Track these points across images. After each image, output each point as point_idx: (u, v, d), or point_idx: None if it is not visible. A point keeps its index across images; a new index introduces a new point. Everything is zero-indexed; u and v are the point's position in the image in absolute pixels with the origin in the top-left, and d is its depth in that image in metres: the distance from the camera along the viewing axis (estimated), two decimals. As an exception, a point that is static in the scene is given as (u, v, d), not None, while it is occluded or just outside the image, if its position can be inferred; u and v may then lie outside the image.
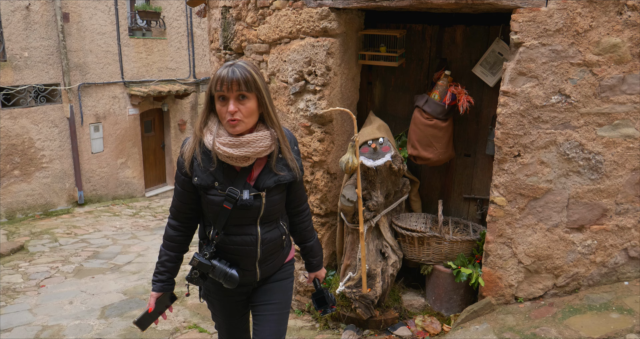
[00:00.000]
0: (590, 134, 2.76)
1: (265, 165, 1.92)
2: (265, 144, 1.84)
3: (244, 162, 1.85)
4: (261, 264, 2.03)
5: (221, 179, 1.88)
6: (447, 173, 3.49)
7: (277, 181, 1.92)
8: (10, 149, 8.54)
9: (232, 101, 1.77)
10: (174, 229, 2.03)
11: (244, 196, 1.86)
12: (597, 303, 2.88)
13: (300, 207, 2.18)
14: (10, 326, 4.48)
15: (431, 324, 3.22)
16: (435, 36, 3.33)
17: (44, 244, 7.35)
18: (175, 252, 2.05)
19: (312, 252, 2.27)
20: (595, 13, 2.60)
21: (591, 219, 2.90)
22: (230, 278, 1.93)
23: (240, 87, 1.76)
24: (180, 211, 2.01)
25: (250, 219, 1.93)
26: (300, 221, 2.20)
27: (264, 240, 1.97)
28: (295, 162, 1.97)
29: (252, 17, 3.72)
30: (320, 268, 2.33)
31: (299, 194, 2.14)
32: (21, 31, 8.51)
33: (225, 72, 1.77)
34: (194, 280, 1.98)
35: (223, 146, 1.81)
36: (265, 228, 1.98)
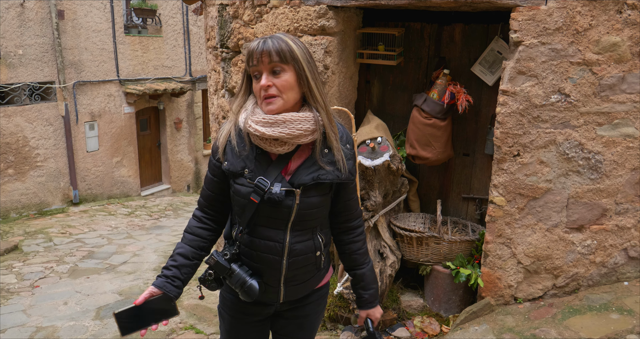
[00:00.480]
0: (590, 133, 2.74)
1: (307, 158, 1.63)
2: (305, 127, 1.55)
3: (279, 148, 1.57)
4: (287, 282, 1.70)
5: (252, 167, 1.61)
6: (445, 173, 3.47)
7: (315, 179, 1.60)
8: (5, 147, 8.46)
9: (265, 75, 1.53)
10: (197, 220, 1.77)
11: (274, 190, 1.57)
12: (597, 303, 2.86)
13: (352, 222, 1.81)
14: (4, 327, 4.43)
15: (430, 325, 3.20)
16: (433, 35, 3.30)
17: (38, 243, 7.30)
18: (192, 248, 1.73)
19: (364, 283, 1.83)
20: (595, 12, 2.57)
21: (591, 219, 2.88)
22: (248, 289, 1.63)
23: (272, 59, 1.51)
24: (207, 202, 1.76)
25: (280, 222, 1.63)
26: (350, 241, 1.81)
27: (292, 251, 1.65)
28: (344, 161, 1.65)
29: (249, 15, 3.68)
30: (374, 305, 1.86)
31: (350, 205, 1.77)
32: (15, 28, 8.43)
33: (255, 44, 1.55)
34: (207, 282, 1.68)
35: (255, 124, 1.55)
36: (297, 237, 1.65)
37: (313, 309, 1.85)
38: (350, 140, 1.72)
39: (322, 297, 1.87)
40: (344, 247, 1.83)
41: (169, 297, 1.64)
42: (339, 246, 1.85)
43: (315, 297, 1.84)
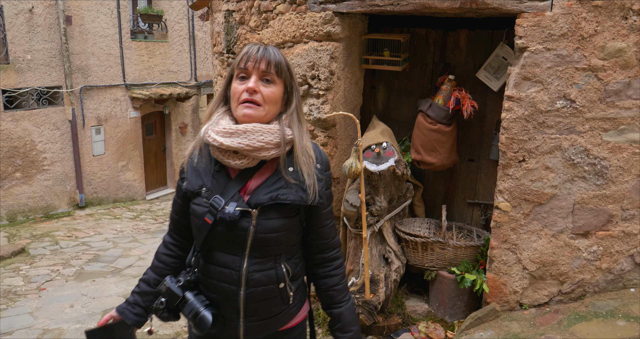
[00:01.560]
0: (596, 139, 2.74)
1: (270, 176, 1.49)
2: (267, 139, 1.43)
3: (237, 161, 1.45)
4: (247, 317, 1.51)
5: (209, 185, 1.48)
6: (451, 178, 3.47)
7: (274, 198, 1.44)
8: (12, 151, 8.53)
9: (254, 78, 1.44)
10: (164, 246, 1.68)
11: (228, 209, 1.43)
12: (603, 310, 2.85)
13: (327, 253, 1.62)
14: (11, 329, 4.46)
15: (435, 330, 3.19)
16: (439, 40, 3.31)
17: (44, 246, 7.34)
18: (155, 275, 1.64)
19: (341, 324, 1.61)
20: (600, 18, 2.58)
21: (597, 225, 2.88)
22: (199, 321, 1.45)
23: (269, 68, 1.45)
24: (173, 226, 1.67)
25: (236, 246, 1.47)
26: (325, 275, 1.62)
27: (250, 280, 1.47)
28: (315, 183, 1.49)
29: (255, 21, 3.71)
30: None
31: (324, 233, 1.59)
32: (24, 34, 8.52)
33: (255, 48, 1.47)
34: (158, 312, 1.50)
35: (215, 134, 1.44)
36: (256, 264, 1.48)
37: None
38: (324, 161, 1.57)
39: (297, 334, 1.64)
40: (319, 282, 1.63)
41: (126, 324, 1.59)
42: (313, 280, 1.66)
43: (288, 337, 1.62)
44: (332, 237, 1.63)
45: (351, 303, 1.65)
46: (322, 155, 1.58)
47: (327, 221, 1.60)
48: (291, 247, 1.55)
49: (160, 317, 1.51)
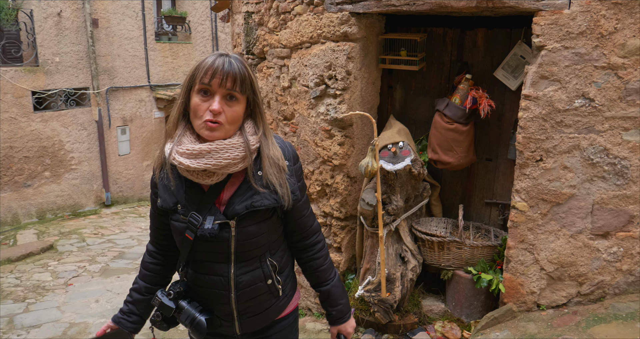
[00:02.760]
0: (616, 138, 2.70)
1: (241, 184, 1.51)
2: (233, 155, 1.43)
3: (207, 179, 1.46)
4: (241, 315, 1.60)
5: (183, 201, 1.50)
6: (468, 177, 3.46)
7: (249, 207, 1.48)
8: (42, 151, 8.80)
9: (218, 98, 1.41)
10: (149, 256, 1.73)
11: (206, 225, 1.47)
12: (623, 312, 2.80)
13: (308, 240, 1.70)
14: (39, 323, 4.62)
15: (451, 330, 3.19)
16: (456, 39, 3.30)
17: (72, 243, 7.56)
18: (145, 283, 1.69)
19: (330, 300, 1.73)
20: (620, 15, 2.54)
21: (617, 226, 2.83)
22: (197, 326, 1.53)
23: (235, 86, 1.41)
24: (155, 236, 1.70)
25: (221, 255, 1.53)
26: (309, 258, 1.71)
27: (239, 283, 1.54)
28: (285, 182, 1.53)
29: (274, 22, 3.76)
30: (344, 320, 1.76)
31: (302, 223, 1.66)
32: (53, 37, 8.78)
33: (220, 61, 1.41)
34: (157, 324, 1.59)
35: (180, 157, 1.43)
36: (242, 268, 1.54)
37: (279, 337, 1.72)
38: (292, 155, 1.60)
39: (289, 327, 1.75)
40: (305, 265, 1.73)
41: (124, 332, 1.67)
42: (300, 264, 1.76)
43: (278, 328, 1.71)
44: (311, 225, 1.70)
45: (337, 279, 1.75)
46: (289, 148, 1.60)
47: (304, 211, 1.66)
48: (273, 243, 1.62)
49: (160, 328, 1.60)
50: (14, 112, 8.30)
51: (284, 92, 3.78)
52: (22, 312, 4.87)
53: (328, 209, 3.60)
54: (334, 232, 3.61)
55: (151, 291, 1.69)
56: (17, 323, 4.60)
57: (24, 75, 8.39)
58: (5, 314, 4.80)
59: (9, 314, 4.80)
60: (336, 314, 1.75)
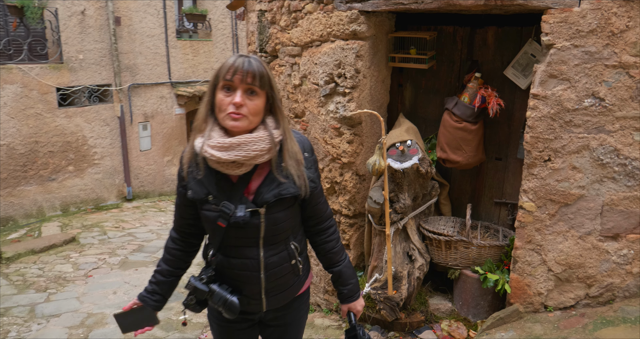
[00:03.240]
0: (627, 138, 2.65)
1: (267, 175, 1.66)
2: (260, 148, 1.58)
3: (237, 170, 1.59)
4: (268, 293, 1.77)
5: (215, 192, 1.64)
6: (478, 177, 3.43)
7: (277, 195, 1.64)
8: (66, 146, 9.03)
9: (240, 92, 1.56)
10: (172, 242, 1.85)
11: (238, 213, 1.61)
12: (633, 315, 2.76)
13: (322, 224, 1.86)
14: (59, 312, 4.77)
15: (457, 329, 3.18)
16: (466, 38, 3.28)
17: (93, 236, 7.75)
18: (169, 267, 1.83)
19: (341, 279, 1.90)
20: (632, 12, 2.49)
21: (627, 228, 2.78)
22: (230, 306, 1.68)
23: (254, 81, 1.56)
24: (179, 225, 1.83)
25: (251, 240, 1.68)
26: (323, 241, 1.88)
27: (268, 265, 1.71)
28: (303, 173, 1.68)
29: (285, 21, 3.79)
30: (354, 298, 1.93)
31: (318, 209, 1.82)
32: (77, 35, 8.98)
33: (240, 61, 1.57)
34: (190, 306, 1.74)
35: (211, 149, 1.57)
36: (270, 251, 1.71)
37: (296, 316, 1.92)
38: (310, 148, 1.75)
39: (304, 303, 1.94)
40: (318, 248, 1.89)
41: (148, 309, 1.84)
42: (314, 247, 1.91)
43: (297, 304, 1.90)
44: (325, 211, 1.86)
45: (347, 260, 1.92)
46: (306, 141, 1.77)
47: (320, 198, 1.82)
48: (295, 228, 1.79)
49: (194, 310, 1.75)
50: (39, 108, 8.54)
51: (295, 90, 3.81)
52: (43, 301, 5.03)
53: (337, 206, 3.62)
54: (342, 229, 3.63)
55: (173, 273, 1.84)
56: (38, 312, 4.76)
57: (49, 72, 8.62)
58: (27, 303, 4.97)
59: (31, 303, 4.97)
60: (347, 293, 1.90)
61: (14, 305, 4.92)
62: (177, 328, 4.24)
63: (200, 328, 4.22)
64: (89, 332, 4.28)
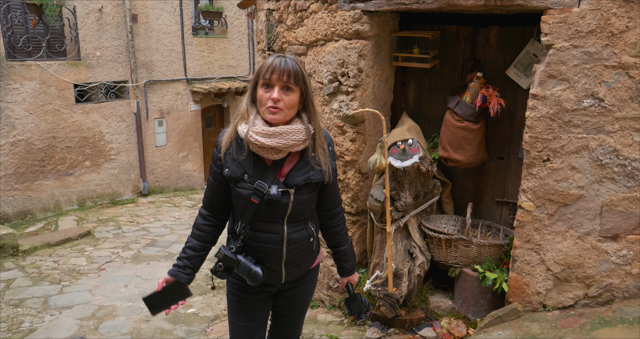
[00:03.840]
0: (627, 139, 2.64)
1: (297, 162, 1.91)
2: (298, 138, 1.83)
3: (275, 155, 1.84)
4: (287, 266, 1.99)
5: (251, 172, 1.87)
6: (480, 176, 3.45)
7: (306, 179, 1.89)
8: (83, 141, 9.23)
9: (277, 89, 1.78)
10: (203, 218, 2.04)
11: (272, 191, 1.84)
12: (631, 316, 2.76)
13: (334, 210, 2.14)
14: (71, 304, 4.91)
15: (457, 327, 3.21)
16: (469, 37, 3.29)
17: (108, 230, 7.93)
18: (200, 242, 2.03)
19: (345, 257, 2.23)
20: (632, 13, 2.48)
21: (627, 229, 2.77)
22: (254, 275, 1.90)
23: (289, 79, 1.78)
24: (211, 202, 2.02)
25: (278, 217, 1.91)
26: (333, 225, 2.16)
27: (290, 240, 1.94)
28: (329, 163, 1.95)
29: (291, 20, 3.84)
30: (353, 272, 2.27)
31: (333, 197, 2.09)
32: (94, 32, 9.16)
33: (277, 61, 1.80)
34: (218, 273, 1.96)
35: (256, 135, 1.81)
36: (293, 228, 1.94)
37: (307, 287, 2.20)
38: (331, 142, 2.03)
39: (315, 275, 2.23)
40: (328, 230, 2.17)
41: (181, 283, 1.98)
42: (324, 229, 2.18)
43: (310, 276, 2.18)
44: (337, 199, 2.13)
45: (350, 242, 2.24)
46: (329, 136, 2.03)
47: (336, 187, 2.10)
48: (313, 211, 2.05)
49: (220, 276, 1.97)
50: (57, 104, 8.74)
51: (301, 88, 3.85)
52: (56, 293, 5.19)
53: (340, 204, 3.66)
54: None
55: (203, 248, 2.03)
56: (51, 303, 4.90)
57: (67, 69, 8.81)
58: (41, 295, 5.13)
59: (45, 295, 5.12)
60: (348, 268, 2.25)
61: (29, 296, 5.09)
62: (184, 321, 4.34)
63: (207, 321, 4.31)
64: (100, 324, 4.40)
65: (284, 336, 2.29)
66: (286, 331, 2.28)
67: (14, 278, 5.65)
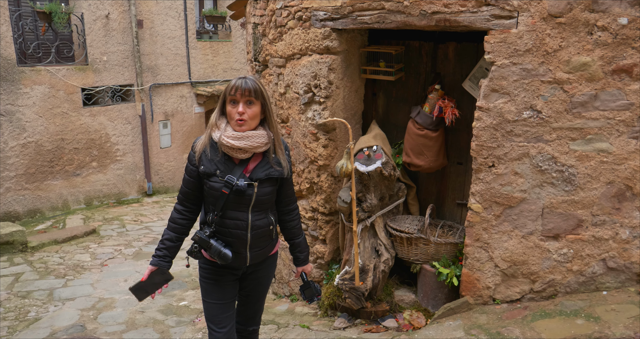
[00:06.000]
0: (563, 147, 2.91)
1: (260, 161, 2.32)
2: (261, 141, 2.25)
3: (242, 155, 2.25)
4: (251, 249, 2.36)
5: (222, 168, 2.26)
6: (442, 179, 3.72)
7: (267, 175, 2.29)
8: (90, 143, 9.63)
9: (241, 104, 2.20)
10: (178, 213, 2.39)
11: (239, 183, 2.22)
12: (569, 309, 3.02)
13: (290, 206, 2.54)
14: (74, 296, 5.28)
15: (417, 318, 3.49)
16: (430, 52, 3.56)
17: (113, 229, 8.30)
18: (176, 234, 2.38)
19: (300, 248, 2.62)
20: (565, 34, 2.74)
21: (566, 229, 3.04)
22: (224, 256, 2.26)
23: (250, 94, 2.20)
24: (185, 198, 2.37)
25: (244, 206, 2.28)
26: (290, 220, 2.57)
27: (253, 226, 2.32)
28: (287, 163, 2.36)
29: (273, 34, 4.14)
30: (306, 262, 2.67)
31: (289, 194, 2.51)
32: (101, 38, 9.55)
33: (239, 82, 2.22)
34: (193, 254, 2.33)
35: (227, 138, 2.21)
36: (256, 216, 2.32)
37: (268, 271, 2.59)
38: (288, 149, 2.48)
39: (274, 261, 2.61)
40: (285, 224, 2.57)
41: (163, 270, 2.37)
42: (281, 223, 2.57)
43: (270, 261, 2.57)
44: (293, 196, 2.55)
45: (304, 236, 2.64)
46: (286, 144, 2.46)
47: (291, 186, 2.52)
48: (272, 204, 2.44)
49: (195, 257, 2.34)
50: (65, 107, 9.15)
51: (281, 97, 4.16)
52: (61, 287, 5.56)
53: (315, 204, 3.97)
54: (319, 225, 3.98)
55: (179, 239, 2.39)
56: (56, 295, 5.27)
57: (75, 73, 9.22)
58: (46, 288, 5.50)
59: (50, 288, 5.50)
60: (303, 258, 2.63)
61: (35, 289, 5.46)
62: (175, 313, 4.67)
63: (196, 313, 4.64)
64: (99, 314, 4.75)
65: (249, 312, 2.68)
66: (251, 309, 2.67)
67: (22, 272, 6.04)
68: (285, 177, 2.40)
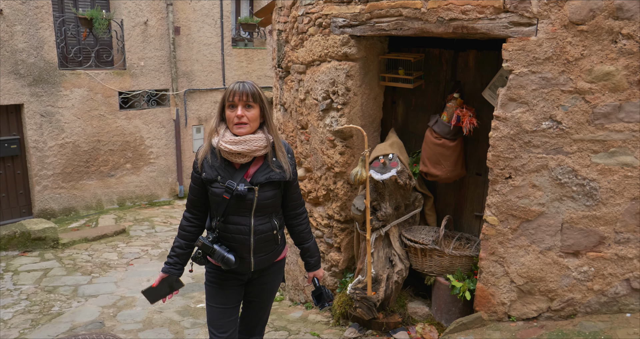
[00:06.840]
0: (584, 160, 2.78)
1: (261, 165, 2.30)
2: (259, 144, 2.23)
3: (241, 159, 2.23)
4: (255, 254, 2.34)
5: (222, 174, 2.25)
6: (460, 190, 3.62)
7: (267, 179, 2.27)
8: (125, 145, 9.92)
9: (240, 108, 2.20)
10: (186, 221, 2.40)
11: (240, 188, 2.21)
12: (588, 330, 2.87)
13: (297, 210, 2.50)
14: (97, 293, 5.41)
15: (429, 332, 3.40)
16: (450, 60, 3.49)
17: (142, 229, 8.50)
18: (185, 241, 2.39)
19: (310, 253, 2.57)
20: (587, 42, 2.63)
21: (587, 246, 2.90)
22: (227, 261, 2.26)
23: (248, 98, 2.20)
24: (192, 205, 2.39)
25: (245, 211, 2.27)
26: (298, 224, 2.52)
27: (256, 231, 2.29)
28: (288, 165, 2.32)
29: (295, 41, 4.16)
30: (317, 267, 2.60)
31: (294, 198, 2.46)
32: (139, 44, 9.86)
33: (237, 86, 2.23)
34: (197, 259, 2.32)
35: (225, 143, 2.21)
36: (259, 220, 2.29)
37: (273, 277, 2.54)
38: (291, 152, 2.43)
39: (280, 268, 2.57)
40: (293, 228, 2.53)
41: (174, 277, 2.43)
42: (289, 228, 2.54)
43: (275, 268, 2.53)
44: (299, 199, 2.50)
45: (314, 240, 2.59)
46: (288, 146, 2.43)
47: (296, 189, 2.47)
48: (277, 208, 2.41)
49: (199, 262, 2.34)
50: (102, 110, 9.47)
51: (301, 103, 4.17)
52: (86, 283, 5.71)
53: (330, 211, 3.94)
54: (334, 233, 3.94)
55: (189, 246, 2.40)
56: (80, 292, 5.43)
57: (113, 77, 9.53)
58: (72, 284, 5.67)
59: (76, 284, 5.66)
60: (313, 263, 2.58)
61: (62, 285, 5.64)
62: (192, 314, 4.72)
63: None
64: (118, 312, 4.85)
65: (253, 320, 2.64)
66: (255, 316, 2.63)
67: (51, 267, 6.25)
68: (289, 181, 2.36)
